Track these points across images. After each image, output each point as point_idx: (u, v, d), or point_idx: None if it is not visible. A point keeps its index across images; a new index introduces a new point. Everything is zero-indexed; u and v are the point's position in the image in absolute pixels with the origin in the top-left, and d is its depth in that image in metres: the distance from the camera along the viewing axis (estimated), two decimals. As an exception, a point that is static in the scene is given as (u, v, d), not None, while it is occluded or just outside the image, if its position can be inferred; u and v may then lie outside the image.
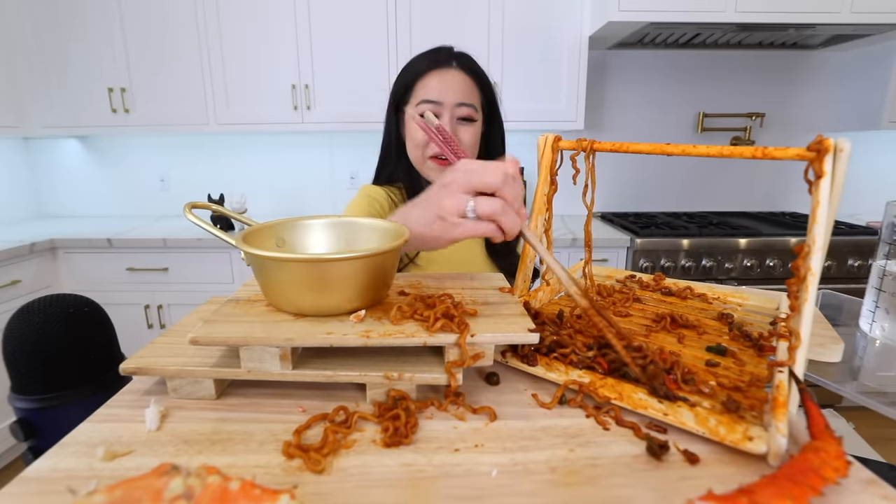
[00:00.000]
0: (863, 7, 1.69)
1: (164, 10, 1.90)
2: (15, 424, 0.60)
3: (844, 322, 0.77)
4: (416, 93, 0.83)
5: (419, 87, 0.82)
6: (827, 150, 0.33)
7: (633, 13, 1.70)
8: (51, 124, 2.01)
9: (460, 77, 0.82)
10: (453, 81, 0.81)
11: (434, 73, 0.81)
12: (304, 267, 0.39)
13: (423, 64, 0.83)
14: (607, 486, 0.29)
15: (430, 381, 0.38)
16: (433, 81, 0.81)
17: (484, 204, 0.44)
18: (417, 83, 0.83)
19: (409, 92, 0.84)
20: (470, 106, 0.81)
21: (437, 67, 0.82)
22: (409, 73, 0.84)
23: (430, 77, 0.81)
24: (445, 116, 0.81)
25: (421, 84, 0.82)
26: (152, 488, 0.23)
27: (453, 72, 0.82)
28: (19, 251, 1.72)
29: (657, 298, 0.59)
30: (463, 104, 0.81)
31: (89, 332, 0.64)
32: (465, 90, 0.82)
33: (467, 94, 0.82)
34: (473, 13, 1.87)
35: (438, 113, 0.81)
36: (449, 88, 0.80)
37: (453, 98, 0.80)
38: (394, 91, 0.87)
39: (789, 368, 0.33)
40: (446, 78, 0.81)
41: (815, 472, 0.26)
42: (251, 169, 2.32)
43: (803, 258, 0.34)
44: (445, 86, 0.80)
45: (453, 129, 0.81)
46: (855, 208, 2.28)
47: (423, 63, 0.83)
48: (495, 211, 0.43)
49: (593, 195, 0.52)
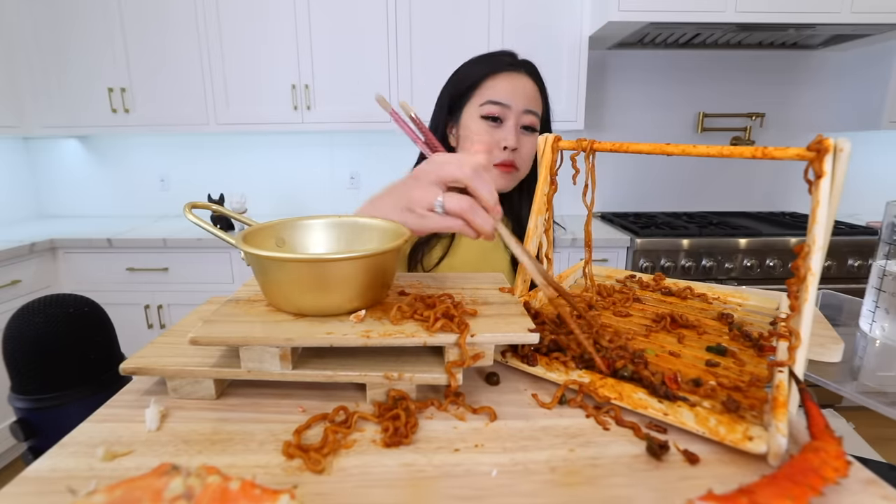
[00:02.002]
0: (863, 7, 1.69)
1: (164, 10, 1.90)
2: (15, 424, 0.60)
3: (844, 322, 0.77)
4: (481, 92, 0.78)
5: (487, 86, 0.78)
6: (827, 149, 0.33)
7: (633, 13, 1.70)
8: (51, 124, 2.01)
9: (530, 84, 0.79)
10: (523, 87, 0.78)
11: (505, 75, 0.78)
12: (304, 267, 0.39)
13: (490, 64, 0.79)
14: (607, 486, 0.29)
15: (430, 381, 0.38)
16: (503, 83, 0.77)
17: (452, 200, 0.43)
18: (485, 82, 0.78)
19: (473, 90, 0.79)
20: (535, 114, 0.79)
21: (509, 70, 0.78)
22: (475, 71, 0.80)
23: (501, 78, 0.77)
24: (511, 122, 0.77)
25: (489, 84, 0.78)
26: (152, 488, 0.23)
27: (524, 77, 0.79)
28: (19, 251, 1.72)
29: (657, 298, 0.59)
30: (530, 112, 0.78)
31: (89, 331, 0.64)
32: (533, 98, 0.79)
33: (534, 102, 0.79)
34: (473, 13, 1.87)
35: (505, 116, 0.77)
36: (519, 93, 0.77)
37: (522, 104, 0.77)
38: (451, 90, 0.82)
39: (789, 368, 0.33)
40: (517, 82, 0.78)
41: (815, 472, 0.26)
42: (251, 169, 2.32)
43: (803, 258, 0.34)
44: (516, 89, 0.77)
45: (516, 137, 0.77)
46: (855, 208, 2.28)
47: (490, 63, 0.79)
48: (463, 209, 0.42)
49: (593, 195, 0.52)
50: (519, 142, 0.78)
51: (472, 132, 0.79)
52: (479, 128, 0.78)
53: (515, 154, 0.78)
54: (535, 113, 0.79)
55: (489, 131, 0.77)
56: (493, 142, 0.77)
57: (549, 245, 0.57)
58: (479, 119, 0.78)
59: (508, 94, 0.77)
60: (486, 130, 0.78)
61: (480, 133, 0.78)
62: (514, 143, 0.76)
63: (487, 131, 0.78)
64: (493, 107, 0.77)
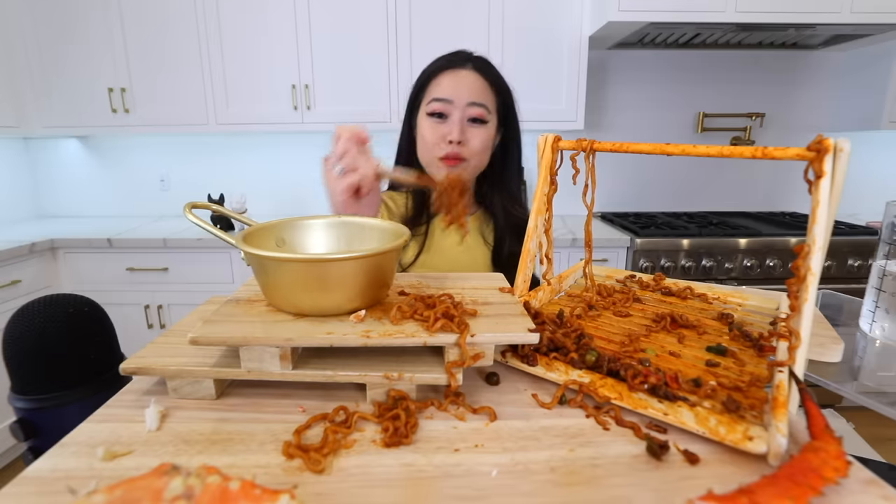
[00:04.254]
0: (863, 7, 1.69)
1: (164, 10, 1.90)
2: (15, 424, 0.60)
3: (844, 322, 0.77)
4: (428, 91, 0.82)
5: (432, 85, 0.82)
6: (827, 149, 0.33)
7: (633, 13, 1.70)
8: (51, 124, 2.01)
9: (473, 76, 0.81)
10: (466, 81, 0.80)
11: (447, 73, 0.81)
12: (304, 267, 0.39)
13: (437, 64, 0.83)
14: (607, 486, 0.29)
15: (430, 381, 0.38)
16: (446, 80, 0.81)
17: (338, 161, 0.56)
18: (431, 82, 0.82)
19: (422, 91, 0.84)
20: (481, 106, 0.80)
21: (452, 67, 0.81)
22: (425, 73, 0.84)
23: (444, 76, 0.81)
24: (455, 116, 0.80)
25: (434, 83, 0.82)
26: (152, 488, 0.23)
27: (467, 72, 0.81)
28: (19, 251, 1.72)
29: (657, 298, 0.59)
30: (475, 104, 0.80)
31: (89, 332, 0.64)
32: (478, 90, 0.81)
33: (480, 94, 0.81)
34: (473, 13, 1.87)
35: (448, 111, 0.80)
36: (461, 87, 0.80)
37: (465, 97, 0.79)
38: (410, 94, 0.87)
39: (789, 368, 0.33)
40: (459, 77, 0.80)
41: (816, 471, 0.26)
42: (251, 169, 2.32)
43: (803, 258, 0.34)
44: (458, 84, 0.80)
45: (462, 128, 0.80)
46: (855, 208, 2.28)
47: (437, 63, 0.83)
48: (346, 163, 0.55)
49: (593, 195, 0.52)
50: (465, 134, 0.80)
51: (421, 130, 0.83)
52: (424, 125, 0.82)
53: (462, 147, 0.80)
54: (481, 105, 0.80)
55: (434, 127, 0.81)
56: (439, 136, 0.80)
57: (550, 245, 0.57)
58: (426, 117, 0.82)
59: (451, 90, 0.80)
60: (430, 126, 0.81)
61: (425, 129, 0.82)
62: (458, 135, 0.79)
63: (432, 127, 0.81)
64: (437, 104, 0.80)
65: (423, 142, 0.83)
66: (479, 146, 0.82)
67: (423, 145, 0.84)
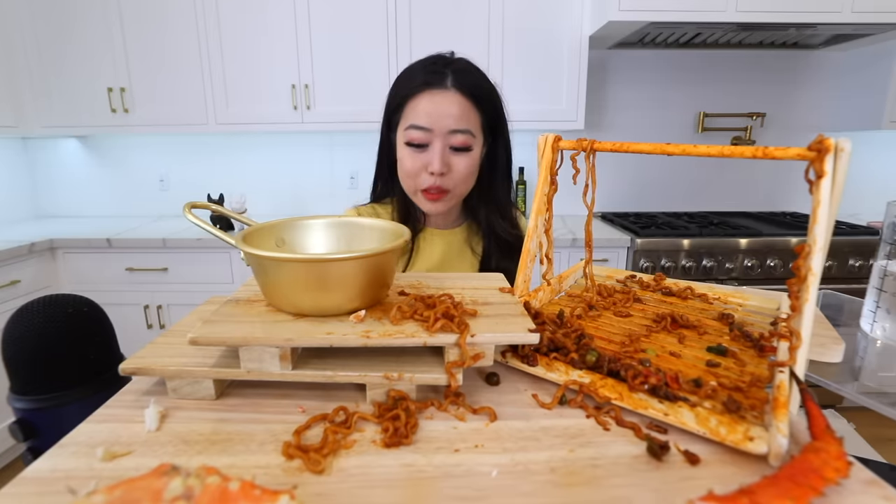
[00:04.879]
0: (863, 7, 1.69)
1: (163, 9, 1.90)
2: (14, 425, 0.60)
3: (845, 322, 0.77)
4: (405, 115, 0.75)
5: (409, 108, 0.75)
6: (827, 149, 0.33)
7: (633, 13, 1.70)
8: (50, 124, 2.01)
9: (455, 99, 0.73)
10: (447, 106, 0.73)
11: (426, 95, 0.73)
12: (303, 267, 0.39)
13: (415, 80, 0.75)
14: (608, 486, 0.29)
15: (430, 382, 0.38)
16: (424, 104, 0.73)
17: None
18: (408, 104, 0.75)
19: (399, 112, 0.77)
20: (465, 133, 0.74)
21: (430, 88, 0.73)
22: (402, 89, 0.76)
23: (422, 99, 0.73)
24: (437, 145, 0.73)
25: (411, 106, 0.74)
26: (152, 489, 0.23)
27: (448, 94, 0.73)
28: (19, 251, 1.72)
29: (658, 299, 0.59)
30: (457, 132, 0.73)
31: (89, 332, 0.64)
32: (461, 115, 0.73)
33: (463, 119, 0.73)
34: (473, 13, 1.87)
35: (428, 140, 0.74)
36: (443, 113, 0.72)
37: (446, 125, 0.73)
38: (386, 106, 0.80)
39: (790, 368, 0.33)
40: (439, 102, 0.73)
41: (816, 472, 0.26)
42: (251, 169, 2.32)
43: (804, 258, 0.34)
44: (438, 111, 0.72)
45: (445, 159, 0.74)
46: (856, 208, 2.28)
47: (415, 79, 0.75)
48: None
49: (594, 195, 0.52)
50: (448, 164, 0.74)
51: (401, 155, 0.77)
52: (403, 152, 0.76)
53: (445, 178, 0.75)
54: (465, 132, 0.74)
55: (413, 156, 0.75)
56: (420, 166, 0.75)
57: (550, 245, 0.57)
58: (404, 145, 0.76)
59: (430, 118, 0.73)
60: (410, 155, 0.75)
61: (404, 157, 0.76)
62: (440, 166, 0.73)
63: (412, 156, 0.75)
64: (415, 132, 0.74)
65: (402, 168, 0.78)
66: (463, 173, 0.76)
67: (402, 172, 0.78)
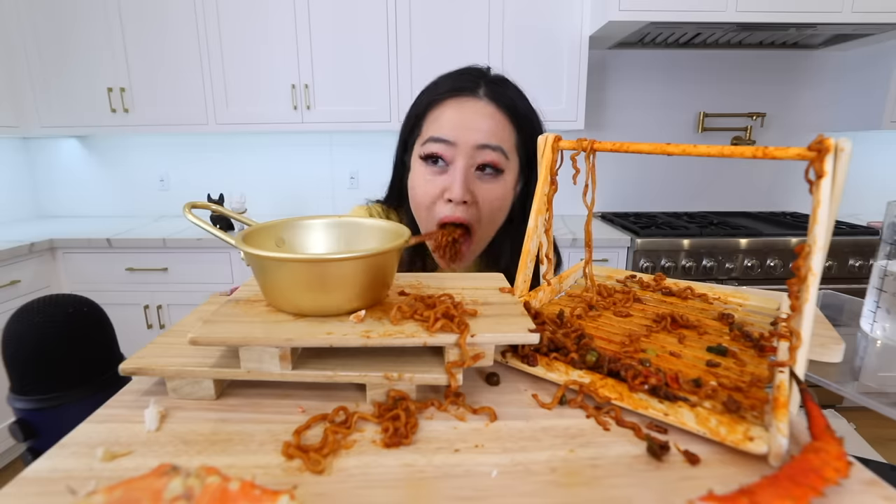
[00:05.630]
0: (864, 6, 1.69)
1: (163, 9, 1.90)
2: (14, 425, 0.60)
3: (845, 322, 0.77)
4: (425, 127, 0.61)
5: (430, 119, 0.61)
6: (828, 149, 0.33)
7: (633, 13, 1.70)
8: (50, 124, 2.01)
9: (487, 111, 0.59)
10: (477, 117, 0.59)
11: (452, 103, 0.60)
12: (303, 267, 0.39)
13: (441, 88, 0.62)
14: (607, 486, 0.29)
15: (430, 382, 0.38)
16: (448, 112, 0.59)
17: None
18: (429, 114, 0.61)
19: (418, 125, 0.62)
20: (496, 149, 0.59)
21: (458, 95, 0.60)
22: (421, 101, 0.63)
23: (446, 107, 0.60)
24: (460, 163, 0.58)
25: (433, 115, 0.60)
26: (152, 489, 0.23)
27: (478, 103, 0.59)
28: (19, 251, 1.72)
29: (658, 298, 0.59)
30: (486, 147, 0.58)
31: (89, 332, 0.64)
32: (493, 129, 0.59)
33: (495, 134, 0.59)
34: (473, 13, 1.87)
35: (450, 157, 0.59)
36: (469, 124, 0.58)
37: (473, 139, 0.58)
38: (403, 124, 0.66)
39: (790, 369, 0.33)
40: (467, 111, 0.59)
41: (816, 472, 0.26)
42: (251, 169, 2.32)
43: (804, 258, 0.34)
44: (465, 121, 0.58)
45: (469, 181, 0.59)
46: (856, 208, 2.28)
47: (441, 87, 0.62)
48: None
49: (594, 195, 0.52)
50: (472, 191, 0.59)
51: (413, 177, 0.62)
52: (417, 172, 0.61)
53: (469, 209, 0.59)
54: (496, 148, 0.59)
55: (429, 178, 0.60)
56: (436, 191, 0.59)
57: (550, 245, 0.57)
58: (419, 161, 0.61)
59: (453, 128, 0.59)
60: (424, 175, 0.60)
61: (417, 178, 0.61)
62: (461, 193, 0.57)
63: (427, 177, 0.60)
64: (435, 144, 0.59)
65: (414, 196, 0.62)
66: (491, 205, 0.60)
67: (415, 201, 0.62)
